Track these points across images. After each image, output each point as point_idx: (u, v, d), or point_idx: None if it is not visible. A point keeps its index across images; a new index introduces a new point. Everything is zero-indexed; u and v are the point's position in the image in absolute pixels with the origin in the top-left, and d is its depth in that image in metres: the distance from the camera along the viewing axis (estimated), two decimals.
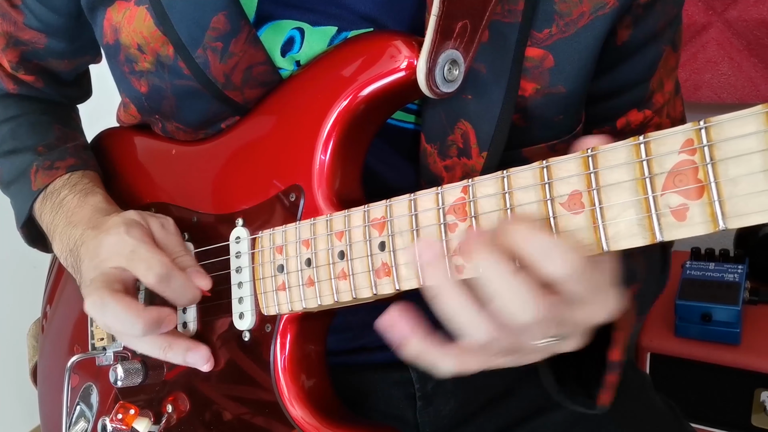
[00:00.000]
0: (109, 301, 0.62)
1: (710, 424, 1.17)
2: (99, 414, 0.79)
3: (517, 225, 0.44)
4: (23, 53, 0.84)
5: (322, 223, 0.59)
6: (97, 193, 0.78)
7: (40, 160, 0.81)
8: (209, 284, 0.67)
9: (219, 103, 0.68)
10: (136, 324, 0.62)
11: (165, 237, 0.69)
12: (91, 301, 0.63)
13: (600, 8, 0.61)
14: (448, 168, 0.65)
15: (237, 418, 0.68)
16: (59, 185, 0.80)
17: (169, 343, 0.66)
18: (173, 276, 0.64)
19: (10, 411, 1.75)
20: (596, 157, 0.44)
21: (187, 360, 0.67)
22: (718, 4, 1.41)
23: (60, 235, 0.76)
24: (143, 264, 0.64)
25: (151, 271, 0.64)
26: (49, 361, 0.92)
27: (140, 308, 0.63)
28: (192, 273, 0.67)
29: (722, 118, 0.39)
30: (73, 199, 0.77)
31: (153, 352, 0.67)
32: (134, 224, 0.68)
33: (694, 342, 1.17)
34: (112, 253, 0.66)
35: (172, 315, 0.65)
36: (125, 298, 0.63)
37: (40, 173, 0.81)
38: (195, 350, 0.67)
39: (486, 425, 0.76)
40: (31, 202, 0.81)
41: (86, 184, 0.79)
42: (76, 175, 0.81)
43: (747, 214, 0.38)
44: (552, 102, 0.64)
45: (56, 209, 0.78)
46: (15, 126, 0.85)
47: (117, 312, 0.62)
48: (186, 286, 0.66)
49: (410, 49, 0.58)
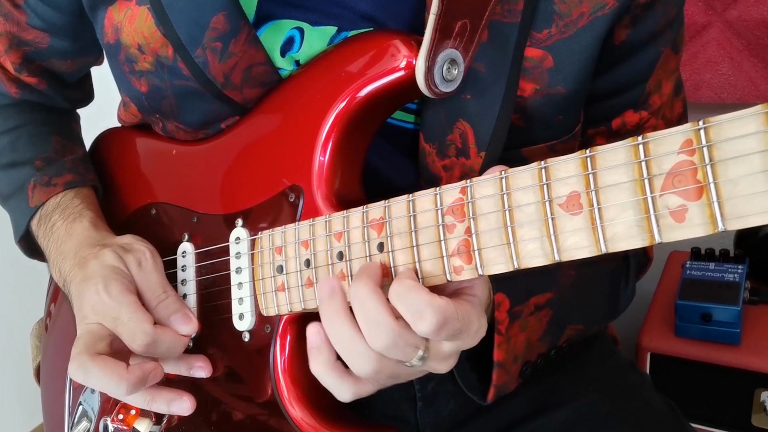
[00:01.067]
0: (90, 367, 0.62)
1: (710, 424, 1.17)
2: (101, 414, 0.79)
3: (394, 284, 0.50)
4: (26, 54, 0.84)
5: (321, 223, 0.59)
6: (84, 218, 0.77)
7: (38, 175, 0.82)
8: (196, 328, 0.68)
9: (219, 103, 0.68)
10: (120, 386, 0.62)
11: (144, 279, 0.69)
12: (74, 367, 0.63)
13: (600, 9, 0.61)
14: (447, 168, 0.65)
15: (237, 419, 0.68)
16: (51, 208, 0.80)
17: (152, 396, 0.66)
18: (158, 340, 0.65)
19: (11, 411, 1.75)
20: (595, 158, 0.44)
21: (171, 410, 0.67)
22: (718, 4, 1.40)
23: (53, 263, 0.77)
24: (127, 333, 0.64)
25: (136, 343, 0.64)
26: (52, 360, 0.92)
27: (122, 370, 0.62)
28: (176, 322, 0.67)
29: (722, 119, 0.38)
30: (61, 227, 0.77)
31: (138, 404, 0.68)
32: (112, 277, 0.67)
33: (694, 342, 1.16)
34: (94, 312, 0.66)
35: (158, 368, 0.65)
36: (106, 362, 0.63)
37: (38, 189, 0.81)
38: (179, 401, 0.67)
39: (486, 426, 0.76)
40: (28, 218, 0.82)
41: (76, 207, 0.79)
42: (69, 196, 0.80)
43: (746, 215, 0.38)
44: (551, 102, 0.64)
45: (48, 236, 0.79)
46: (14, 138, 0.85)
47: (99, 377, 0.62)
48: (172, 343, 0.66)
49: (409, 48, 0.58)
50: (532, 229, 0.46)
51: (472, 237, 0.49)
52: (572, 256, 0.45)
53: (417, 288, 0.49)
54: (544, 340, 0.69)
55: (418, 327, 0.49)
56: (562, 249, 0.45)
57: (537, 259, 0.46)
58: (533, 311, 0.66)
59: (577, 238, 0.44)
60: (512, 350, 0.65)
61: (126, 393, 0.63)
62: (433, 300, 0.49)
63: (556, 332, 0.71)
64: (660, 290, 1.32)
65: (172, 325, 0.67)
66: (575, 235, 0.44)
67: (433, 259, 0.51)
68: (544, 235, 0.46)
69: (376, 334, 0.50)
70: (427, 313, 0.48)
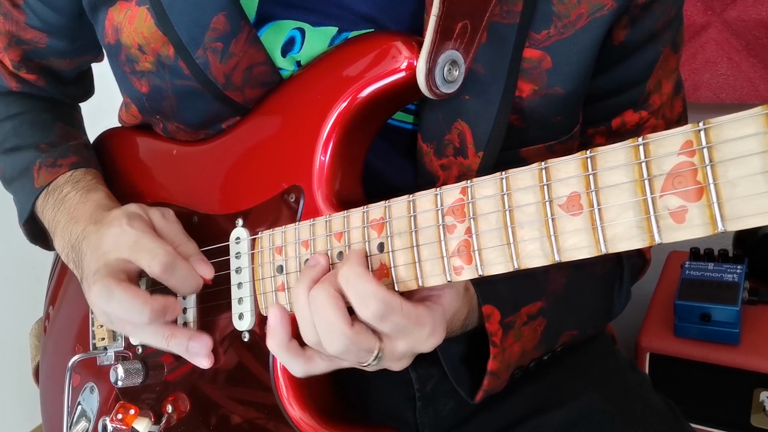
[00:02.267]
0: (115, 289, 0.62)
1: (709, 424, 1.17)
2: (100, 414, 0.79)
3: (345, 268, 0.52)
4: (25, 52, 0.84)
5: (321, 223, 0.59)
6: (99, 189, 0.79)
7: (43, 157, 0.82)
8: (212, 272, 0.68)
9: (219, 104, 0.68)
10: (143, 312, 0.62)
11: (166, 227, 0.70)
12: (97, 290, 0.63)
13: (598, 10, 0.61)
14: (444, 167, 0.65)
15: (237, 419, 0.68)
16: (62, 182, 0.80)
17: (171, 332, 0.66)
18: (177, 265, 0.65)
19: (10, 411, 1.75)
20: (595, 158, 0.44)
21: (190, 348, 0.67)
22: (717, 4, 1.40)
23: (62, 231, 0.77)
24: (147, 254, 0.64)
25: (156, 260, 0.64)
26: (50, 360, 0.92)
27: (147, 296, 0.63)
28: (195, 261, 0.68)
29: (721, 120, 0.39)
30: (75, 196, 0.78)
31: (156, 341, 0.67)
32: (135, 216, 0.68)
33: (694, 342, 1.16)
34: (115, 245, 0.66)
35: (177, 303, 0.66)
36: (131, 286, 0.64)
37: (43, 170, 0.81)
38: (197, 339, 0.67)
39: (485, 425, 0.76)
40: (33, 198, 0.82)
41: (89, 180, 0.80)
42: (79, 172, 0.81)
43: (746, 216, 0.38)
44: (550, 103, 0.64)
45: (59, 205, 0.79)
46: (17, 123, 0.86)
47: (123, 300, 0.62)
48: (189, 274, 0.66)
49: (410, 49, 0.58)
50: (533, 230, 0.46)
51: (472, 237, 0.49)
52: (572, 257, 0.45)
53: (365, 276, 0.51)
54: (539, 347, 0.70)
55: (361, 312, 0.51)
56: (563, 249, 0.45)
57: (537, 259, 0.46)
58: (526, 321, 0.67)
59: (577, 238, 0.44)
60: (506, 360, 0.66)
61: (147, 321, 0.63)
62: (378, 290, 0.51)
63: (551, 339, 0.71)
64: (659, 290, 1.32)
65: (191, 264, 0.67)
66: (575, 235, 0.44)
67: (433, 259, 0.51)
68: (545, 236, 0.46)
69: (330, 339, 0.53)
70: (371, 301, 0.50)
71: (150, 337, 0.67)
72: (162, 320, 0.64)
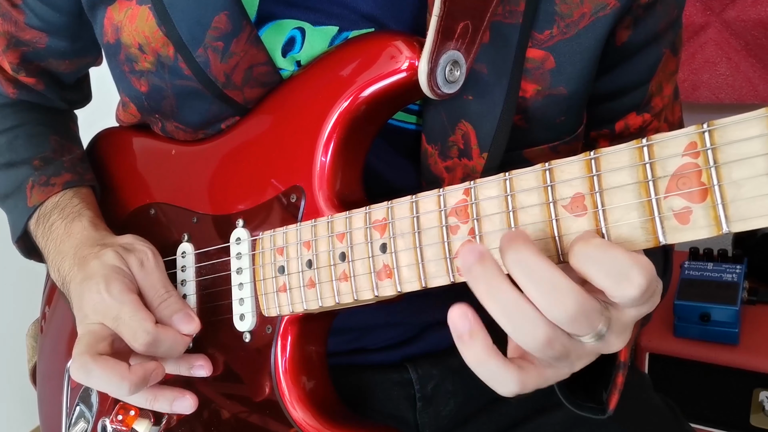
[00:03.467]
0: (92, 367, 0.62)
1: (709, 424, 1.18)
2: (99, 415, 0.78)
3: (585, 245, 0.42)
4: (24, 54, 0.84)
5: (323, 224, 0.59)
6: (83, 217, 0.77)
7: (36, 175, 0.81)
8: (198, 327, 0.68)
9: (219, 103, 0.68)
10: (122, 385, 0.62)
11: (145, 279, 0.68)
12: (75, 367, 0.63)
13: (601, 9, 0.61)
14: (449, 169, 0.65)
15: (237, 419, 0.68)
16: (50, 208, 0.80)
17: (154, 395, 0.67)
18: (159, 339, 0.64)
19: (10, 411, 1.74)
20: (599, 159, 0.44)
21: (174, 409, 0.68)
22: (716, 4, 1.41)
23: (51, 263, 0.77)
24: (128, 332, 0.64)
25: (137, 342, 0.64)
26: (48, 361, 0.92)
27: (124, 370, 0.62)
28: (178, 321, 0.67)
29: (726, 121, 0.39)
30: (60, 226, 0.77)
31: (139, 403, 0.68)
32: (113, 276, 0.67)
33: (693, 342, 1.17)
34: (95, 312, 0.66)
35: (159, 367, 0.65)
36: (108, 362, 0.63)
37: (36, 189, 0.81)
38: (181, 399, 0.67)
39: (486, 425, 0.76)
40: (26, 218, 0.81)
41: (75, 206, 0.79)
42: (67, 196, 0.80)
43: (750, 217, 0.38)
44: (553, 103, 0.64)
45: (47, 236, 0.78)
46: (12, 137, 0.85)
47: (102, 377, 0.62)
48: (174, 342, 0.66)
49: (411, 49, 0.58)
50: (536, 231, 0.46)
51: (475, 238, 0.49)
52: None
53: (613, 246, 0.41)
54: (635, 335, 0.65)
55: (622, 291, 0.41)
56: (567, 251, 0.45)
57: None
58: None
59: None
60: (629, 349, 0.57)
61: (128, 393, 0.62)
62: (638, 259, 0.41)
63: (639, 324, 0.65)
64: None
65: (174, 325, 0.67)
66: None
67: (436, 260, 0.51)
68: (549, 237, 0.46)
69: (556, 301, 0.42)
70: (634, 274, 0.40)
71: (134, 401, 0.67)
72: (144, 387, 0.64)
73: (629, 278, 0.40)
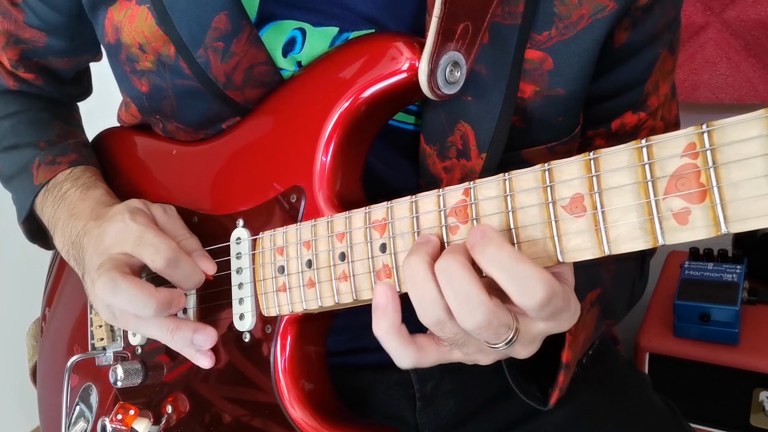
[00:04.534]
0: (120, 281, 0.62)
1: (709, 424, 1.18)
2: (99, 414, 0.79)
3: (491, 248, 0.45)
4: (23, 51, 0.84)
5: (323, 224, 0.59)
6: (98, 186, 0.79)
7: (42, 155, 0.82)
8: (215, 268, 0.68)
9: (220, 103, 0.68)
10: (148, 303, 0.62)
11: (168, 222, 0.70)
12: (102, 282, 0.63)
13: (599, 11, 0.61)
14: (448, 169, 0.65)
15: (237, 419, 0.68)
16: (61, 179, 0.80)
17: (176, 324, 0.66)
18: (180, 260, 0.65)
19: (10, 411, 1.74)
20: (598, 160, 0.44)
21: (195, 341, 0.66)
22: (716, 4, 1.40)
23: (62, 228, 0.76)
24: (150, 248, 0.64)
25: (159, 255, 0.64)
26: (48, 361, 0.92)
27: (152, 288, 0.63)
28: (197, 257, 0.68)
29: (725, 122, 0.39)
30: (75, 192, 0.78)
31: (160, 334, 0.66)
32: (137, 211, 0.68)
33: (693, 342, 1.17)
34: (118, 239, 0.66)
35: (182, 295, 0.66)
36: (136, 279, 0.64)
37: (42, 168, 0.81)
38: (202, 331, 0.66)
39: (485, 425, 0.77)
40: (33, 196, 0.82)
41: (88, 177, 0.80)
42: (79, 170, 0.81)
43: (749, 218, 0.38)
44: (551, 104, 0.64)
45: (58, 202, 0.78)
46: (15, 122, 0.86)
47: (129, 292, 0.62)
48: (192, 269, 0.66)
49: (412, 50, 0.58)
50: (536, 231, 0.46)
51: None
52: (575, 258, 0.45)
53: (523, 258, 0.45)
54: (592, 336, 0.68)
55: (523, 300, 0.45)
56: (566, 251, 0.45)
57: (540, 261, 0.46)
58: (589, 308, 0.65)
59: (580, 240, 0.44)
60: (576, 351, 0.63)
61: (153, 313, 0.62)
62: (542, 273, 0.44)
63: (599, 328, 0.69)
64: (658, 290, 1.32)
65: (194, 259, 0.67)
66: (578, 237, 0.44)
67: None
68: (548, 237, 0.46)
69: (469, 311, 0.46)
70: (537, 286, 0.44)
71: (155, 329, 0.66)
72: (166, 313, 0.64)
73: (532, 289, 0.44)
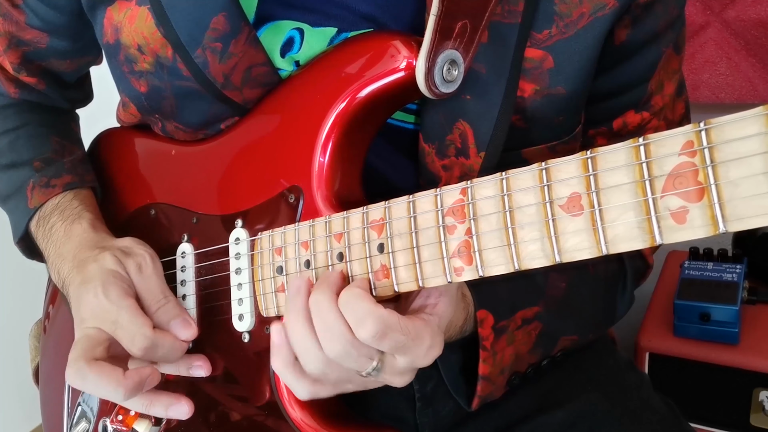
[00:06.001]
0: (87, 372, 0.62)
1: (709, 423, 1.17)
2: (100, 415, 0.78)
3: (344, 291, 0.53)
4: (25, 54, 0.84)
5: (321, 224, 0.59)
6: (83, 219, 0.77)
7: (37, 177, 0.81)
8: (195, 333, 0.68)
9: (218, 104, 0.68)
10: (117, 391, 0.62)
11: (143, 283, 0.68)
12: (71, 372, 0.63)
13: (600, 9, 0.61)
14: (446, 167, 0.65)
15: (237, 420, 0.68)
16: (50, 209, 0.80)
17: (150, 400, 0.66)
18: (157, 344, 0.65)
19: (10, 411, 1.74)
20: (596, 159, 0.44)
21: (169, 414, 0.67)
22: (716, 4, 1.40)
23: (52, 265, 0.77)
24: (126, 336, 0.64)
25: (135, 346, 0.64)
26: (50, 361, 0.92)
27: (119, 376, 0.62)
28: (175, 326, 0.67)
29: (722, 120, 0.38)
30: (60, 228, 0.77)
31: (136, 408, 0.68)
32: (111, 281, 0.67)
33: (693, 342, 1.16)
34: (94, 315, 0.66)
35: (155, 373, 0.65)
36: (103, 367, 0.63)
37: (37, 190, 0.81)
38: (176, 405, 0.67)
39: (485, 426, 0.76)
40: (27, 219, 0.81)
41: (75, 208, 0.79)
42: (68, 198, 0.80)
43: (747, 217, 0.38)
44: (552, 103, 0.64)
45: (47, 238, 0.79)
46: (13, 138, 0.85)
47: (97, 383, 0.62)
48: (171, 347, 0.66)
49: (409, 49, 0.58)
50: (533, 231, 0.46)
51: (472, 238, 0.49)
52: (573, 258, 0.45)
53: (362, 296, 0.51)
54: (534, 351, 0.70)
55: (359, 333, 0.51)
56: (563, 250, 0.45)
57: (538, 260, 0.46)
58: (520, 325, 0.67)
59: (578, 239, 0.44)
60: (498, 364, 0.66)
61: (123, 398, 0.63)
62: (375, 309, 0.50)
63: (547, 344, 0.71)
64: (658, 290, 1.32)
65: (171, 330, 0.67)
66: (576, 236, 0.44)
67: (433, 260, 0.51)
68: (545, 237, 0.46)
69: (330, 341, 0.52)
70: (368, 321, 0.50)
71: (130, 405, 0.67)
72: (140, 392, 0.64)
73: (364, 324, 0.50)
